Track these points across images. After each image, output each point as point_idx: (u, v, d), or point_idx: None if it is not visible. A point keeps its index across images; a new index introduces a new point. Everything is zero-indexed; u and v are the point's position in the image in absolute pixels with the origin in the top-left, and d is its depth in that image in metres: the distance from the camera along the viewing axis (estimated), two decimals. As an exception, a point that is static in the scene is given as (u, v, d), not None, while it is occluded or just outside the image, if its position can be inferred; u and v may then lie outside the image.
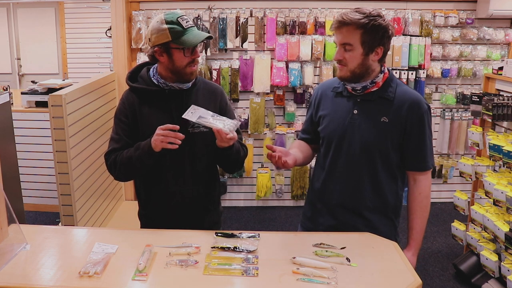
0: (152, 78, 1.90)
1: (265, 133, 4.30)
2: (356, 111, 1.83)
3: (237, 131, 2.00)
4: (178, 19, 1.79)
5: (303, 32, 4.10)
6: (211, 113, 1.79)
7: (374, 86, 1.82)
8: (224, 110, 1.98)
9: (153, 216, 2.00)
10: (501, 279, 2.87)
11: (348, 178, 1.87)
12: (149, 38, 1.84)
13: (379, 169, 1.84)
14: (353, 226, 1.88)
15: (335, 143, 1.87)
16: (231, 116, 2.00)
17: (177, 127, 1.74)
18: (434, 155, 4.38)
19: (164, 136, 1.73)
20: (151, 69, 1.94)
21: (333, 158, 1.88)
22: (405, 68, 4.18)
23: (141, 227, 2.05)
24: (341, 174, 1.87)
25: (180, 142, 1.74)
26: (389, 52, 4.08)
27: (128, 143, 1.89)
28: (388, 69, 1.88)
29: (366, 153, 1.83)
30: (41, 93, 4.05)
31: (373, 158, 1.83)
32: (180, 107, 1.88)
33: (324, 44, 4.09)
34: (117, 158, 1.86)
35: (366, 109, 1.82)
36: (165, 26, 1.78)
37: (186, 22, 1.80)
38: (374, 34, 1.72)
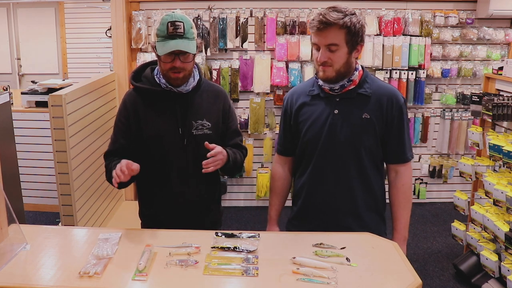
0: (156, 78, 1.89)
1: (265, 133, 4.30)
2: (336, 111, 1.82)
3: (237, 132, 2.00)
4: (168, 23, 1.75)
5: (303, 32, 4.10)
6: None
7: (351, 84, 1.82)
8: (227, 113, 1.98)
9: (155, 216, 2.00)
10: (501, 279, 2.86)
11: (337, 179, 1.86)
12: None
13: (366, 166, 1.84)
14: (344, 226, 1.86)
15: (319, 146, 1.85)
16: (233, 119, 2.01)
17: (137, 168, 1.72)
18: (434, 155, 4.45)
19: (120, 174, 1.69)
20: (155, 69, 1.92)
21: (319, 161, 1.86)
22: (405, 68, 4.18)
23: (142, 227, 2.05)
24: (329, 176, 1.86)
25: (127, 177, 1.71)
26: (389, 52, 4.14)
27: (124, 145, 1.89)
28: (361, 66, 1.88)
29: (353, 151, 1.83)
30: (41, 93, 4.05)
31: (360, 156, 1.83)
32: (185, 109, 1.88)
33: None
34: (108, 167, 1.88)
35: (346, 108, 1.82)
36: (158, 26, 1.79)
37: (173, 29, 1.74)
38: (356, 32, 1.72)
